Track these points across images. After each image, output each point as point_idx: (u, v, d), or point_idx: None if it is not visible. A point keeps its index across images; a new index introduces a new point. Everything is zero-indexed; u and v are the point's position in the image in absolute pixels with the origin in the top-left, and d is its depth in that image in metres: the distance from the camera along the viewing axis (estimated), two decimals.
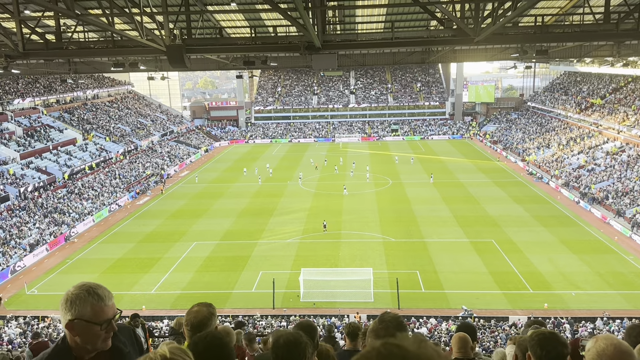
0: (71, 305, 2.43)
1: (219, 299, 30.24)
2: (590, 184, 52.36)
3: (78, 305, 2.43)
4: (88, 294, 2.45)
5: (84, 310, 2.43)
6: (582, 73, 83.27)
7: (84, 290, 2.47)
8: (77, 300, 2.43)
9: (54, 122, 67.04)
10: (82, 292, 2.46)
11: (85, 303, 2.43)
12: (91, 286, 2.51)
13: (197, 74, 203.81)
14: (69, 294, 2.46)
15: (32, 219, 45.18)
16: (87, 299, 2.44)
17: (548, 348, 2.94)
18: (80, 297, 2.44)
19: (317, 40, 20.02)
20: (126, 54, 28.64)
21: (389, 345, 1.22)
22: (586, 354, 2.64)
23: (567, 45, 38.59)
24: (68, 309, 2.43)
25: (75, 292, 2.46)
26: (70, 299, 2.44)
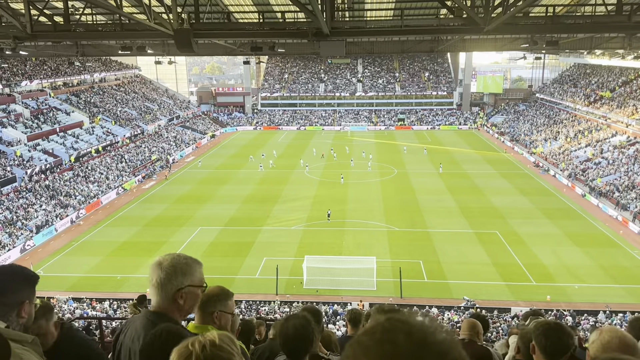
0: (183, 274, 2.55)
1: (222, 283, 29.85)
2: (597, 177, 52.08)
3: (189, 273, 2.56)
4: (193, 262, 2.60)
5: (194, 276, 2.58)
6: (592, 65, 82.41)
7: (188, 258, 2.62)
8: (187, 268, 2.56)
9: (61, 104, 67.17)
10: (189, 261, 2.60)
11: (195, 269, 2.59)
12: (188, 256, 2.66)
13: (204, 59, 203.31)
14: (176, 264, 2.57)
15: (39, 200, 45.47)
16: (194, 266, 2.59)
17: (553, 338, 2.94)
18: (189, 265, 2.58)
19: (326, 27, 19.87)
20: (134, 37, 28.59)
21: (394, 320, 1.21)
22: (590, 346, 2.65)
23: (578, 36, 38.17)
24: (180, 277, 2.55)
25: (182, 262, 2.58)
26: (181, 268, 2.56)
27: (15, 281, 2.45)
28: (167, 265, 2.58)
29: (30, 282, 2.50)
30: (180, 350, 1.81)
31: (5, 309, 2.36)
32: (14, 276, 2.46)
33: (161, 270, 2.58)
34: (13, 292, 2.41)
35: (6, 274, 2.46)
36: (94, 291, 31.31)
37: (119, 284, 32.13)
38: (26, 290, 2.46)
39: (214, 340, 1.80)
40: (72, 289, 31.70)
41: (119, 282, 32.50)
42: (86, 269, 34.72)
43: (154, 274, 2.62)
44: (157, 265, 2.61)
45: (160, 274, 2.58)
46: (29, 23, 21.19)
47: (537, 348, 3.02)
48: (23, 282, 2.47)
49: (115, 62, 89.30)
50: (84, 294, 30.58)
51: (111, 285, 32.17)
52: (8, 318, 2.36)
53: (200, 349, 1.76)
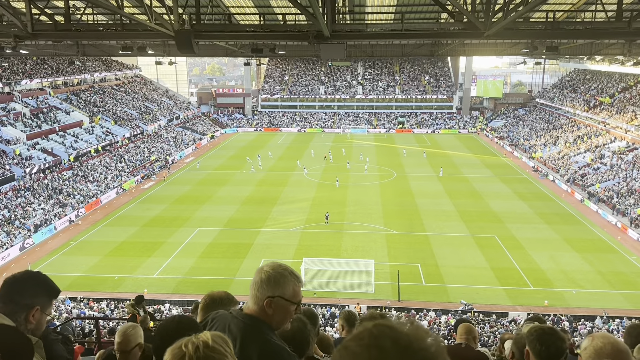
0: (276, 283, 2.56)
1: (221, 285, 30.39)
2: (596, 182, 52.14)
3: (282, 285, 2.57)
4: (291, 275, 2.61)
5: (286, 289, 2.57)
6: (591, 71, 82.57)
7: (287, 271, 2.63)
8: (282, 279, 2.57)
9: (60, 103, 67.16)
10: (286, 272, 2.61)
11: (289, 283, 2.59)
12: (290, 268, 2.67)
13: (204, 60, 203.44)
14: (273, 272, 2.59)
15: (37, 199, 45.44)
16: (290, 279, 2.60)
17: (547, 343, 2.96)
18: (285, 277, 2.58)
19: (326, 30, 19.91)
20: (134, 37, 28.62)
21: (381, 325, 1.23)
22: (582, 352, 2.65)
23: (578, 42, 38.27)
24: (272, 286, 2.56)
25: (279, 271, 2.59)
26: (275, 277, 2.58)
27: (35, 287, 2.56)
28: (265, 271, 2.60)
29: (48, 292, 2.60)
30: (173, 351, 1.81)
31: (15, 309, 2.45)
32: (35, 281, 2.59)
33: (260, 274, 2.61)
34: (29, 296, 2.51)
35: (30, 278, 2.59)
36: (91, 291, 31.28)
37: (117, 284, 32.10)
38: (41, 298, 2.55)
39: (207, 341, 1.81)
40: (70, 288, 31.63)
41: (116, 282, 32.47)
42: (84, 268, 34.68)
43: (254, 278, 2.64)
44: (259, 269, 2.64)
45: (257, 277, 2.60)
46: (29, 22, 21.21)
47: (531, 353, 3.04)
48: (41, 290, 2.57)
49: (115, 62, 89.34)
50: (81, 294, 30.54)
51: (109, 285, 32.14)
52: (17, 318, 2.44)
53: (194, 350, 1.76)
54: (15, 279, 2.57)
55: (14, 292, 2.51)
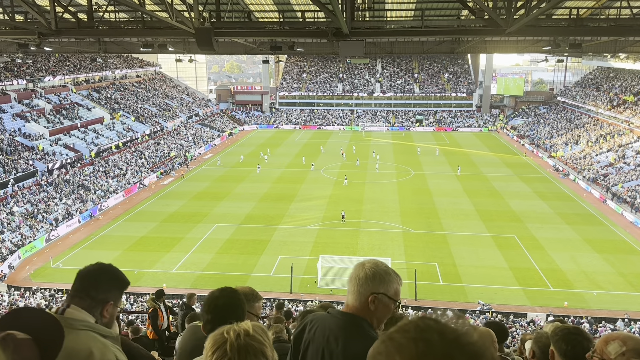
0: (380, 280, 2.60)
1: (238, 280, 30.60)
2: (618, 182, 51.22)
3: (387, 282, 2.60)
4: (394, 273, 2.66)
5: (390, 287, 2.61)
6: (615, 69, 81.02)
7: (390, 269, 2.68)
8: (386, 276, 2.61)
9: (82, 100, 68.17)
10: (389, 270, 2.66)
11: (392, 281, 2.63)
12: (391, 267, 2.72)
13: (223, 57, 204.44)
14: (377, 269, 2.63)
15: (59, 194, 46.21)
16: (393, 278, 2.64)
17: (573, 343, 2.92)
18: (389, 274, 2.63)
19: (345, 27, 19.85)
20: (155, 35, 28.87)
21: (427, 319, 1.24)
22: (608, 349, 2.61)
23: (602, 39, 37.56)
24: (377, 283, 2.59)
25: (383, 269, 2.64)
26: (380, 274, 2.61)
27: (110, 281, 2.58)
28: (369, 267, 2.62)
29: (121, 286, 2.63)
30: (215, 336, 1.88)
31: (92, 304, 2.46)
32: (109, 275, 2.60)
33: (363, 270, 2.62)
34: (104, 290, 2.52)
35: (103, 272, 2.59)
36: None
37: (136, 279, 32.49)
38: (115, 292, 2.58)
39: (248, 330, 1.88)
40: None
41: (136, 276, 32.86)
42: (104, 262, 35.11)
43: (353, 273, 2.66)
44: (360, 265, 2.66)
45: (360, 273, 2.62)
46: (53, 20, 21.55)
47: (556, 353, 3.00)
48: (115, 284, 2.60)
49: (136, 59, 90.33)
50: None
51: (129, 279, 32.51)
52: (94, 313, 2.46)
53: (235, 337, 1.84)
54: (90, 273, 2.56)
55: (90, 286, 2.50)
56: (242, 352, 1.80)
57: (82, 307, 2.43)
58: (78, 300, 2.44)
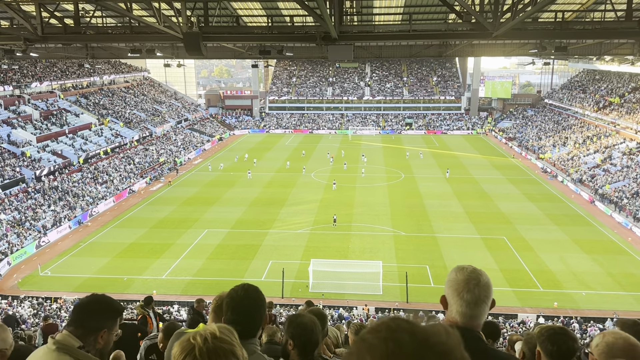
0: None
1: (229, 286, 29.88)
2: (606, 183, 51.75)
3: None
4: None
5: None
6: (601, 71, 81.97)
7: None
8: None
9: (70, 106, 67.69)
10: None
11: None
12: None
13: (212, 62, 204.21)
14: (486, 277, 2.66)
15: (47, 201, 45.79)
16: None
17: (559, 343, 2.94)
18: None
19: (334, 31, 19.92)
20: (143, 40, 28.81)
21: (398, 319, 1.25)
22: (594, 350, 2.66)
23: (587, 42, 38.00)
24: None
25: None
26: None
27: (102, 311, 2.74)
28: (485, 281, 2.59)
29: (114, 315, 2.78)
30: (182, 343, 1.85)
31: (85, 332, 2.63)
32: (101, 305, 2.77)
33: (484, 277, 2.60)
34: (97, 320, 2.69)
35: (95, 302, 2.77)
36: (101, 292, 31.22)
37: (126, 285, 32.26)
38: (109, 321, 2.73)
39: (215, 332, 1.86)
40: (79, 289, 31.85)
41: (125, 283, 32.63)
42: (93, 270, 34.89)
43: (483, 280, 2.60)
44: (476, 272, 2.64)
45: (485, 279, 2.60)
46: (39, 25, 21.40)
47: (542, 353, 3.02)
48: (108, 314, 2.75)
49: (124, 65, 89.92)
50: None
51: (118, 286, 32.29)
52: (86, 340, 2.63)
53: (203, 341, 1.81)
54: (83, 305, 2.75)
55: (84, 317, 2.68)
56: (212, 356, 1.79)
57: (76, 335, 2.61)
58: (73, 329, 2.63)
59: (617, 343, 2.55)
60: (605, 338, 2.59)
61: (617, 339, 2.55)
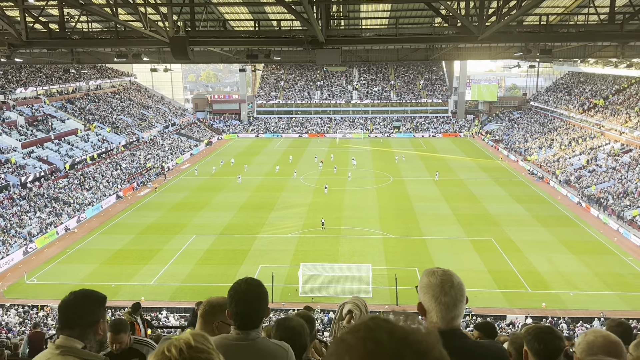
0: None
1: (218, 291, 30.05)
2: (591, 184, 52.33)
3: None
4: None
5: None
6: (585, 73, 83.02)
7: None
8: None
9: (56, 112, 67.05)
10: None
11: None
12: None
13: (200, 66, 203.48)
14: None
15: (33, 208, 45.25)
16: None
17: (546, 342, 2.97)
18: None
19: (321, 35, 19.96)
20: (129, 44, 28.63)
21: (378, 319, 1.25)
22: (577, 348, 2.70)
23: (571, 45, 38.51)
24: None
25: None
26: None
27: (91, 304, 2.74)
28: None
29: (102, 303, 2.81)
30: (157, 356, 1.75)
31: (84, 330, 2.63)
32: (88, 299, 2.76)
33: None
34: (89, 314, 2.69)
35: (81, 298, 2.74)
36: None
37: (114, 292, 31.93)
38: (100, 311, 2.76)
39: (189, 341, 1.77)
40: None
41: (113, 290, 32.30)
42: (80, 276, 34.51)
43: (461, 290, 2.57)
44: (452, 276, 2.65)
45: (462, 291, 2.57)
46: (24, 30, 21.18)
47: (529, 352, 3.04)
48: (96, 304, 2.77)
49: (110, 70, 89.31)
50: None
51: (106, 293, 31.25)
52: (87, 337, 2.64)
53: (178, 353, 1.72)
54: (69, 304, 2.71)
55: (75, 316, 2.67)
56: None
57: (75, 336, 2.60)
58: (68, 331, 2.62)
59: (596, 341, 2.60)
60: (587, 337, 2.65)
61: (597, 337, 2.61)
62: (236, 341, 2.85)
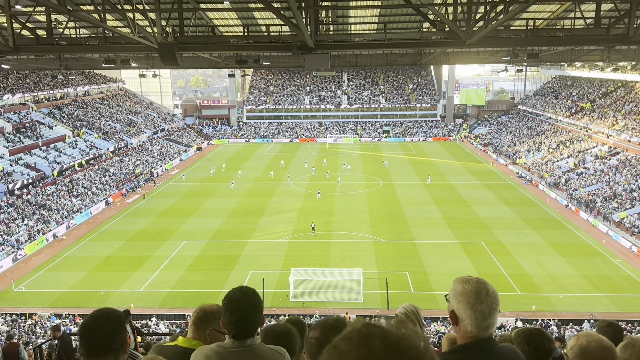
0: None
1: (208, 298, 30.12)
2: (579, 187, 52.80)
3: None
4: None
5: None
6: (572, 77, 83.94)
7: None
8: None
9: (43, 118, 66.48)
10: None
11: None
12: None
13: (189, 72, 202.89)
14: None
15: (20, 215, 44.77)
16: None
17: (535, 344, 2.99)
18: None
19: (310, 40, 20.01)
20: (118, 50, 28.51)
21: (369, 325, 1.25)
22: (569, 352, 2.71)
23: (558, 49, 38.88)
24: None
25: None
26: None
27: (119, 325, 2.64)
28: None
29: (124, 322, 2.69)
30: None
31: (116, 353, 2.55)
32: (115, 321, 2.64)
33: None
34: (119, 336, 2.60)
35: (109, 322, 2.60)
36: (77, 307, 30.77)
37: (103, 300, 31.65)
38: (125, 330, 2.66)
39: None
40: (55, 305, 31.16)
41: (102, 297, 32.02)
42: (69, 284, 34.17)
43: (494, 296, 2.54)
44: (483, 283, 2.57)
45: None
46: (11, 36, 21.02)
47: None
48: (123, 324, 2.66)
49: (98, 76, 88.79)
50: (66, 310, 30.05)
51: (95, 300, 31.66)
52: (119, 357, 2.56)
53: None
54: (101, 330, 2.58)
55: (108, 340, 2.56)
56: None
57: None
58: (101, 357, 2.52)
59: (590, 346, 2.60)
60: (579, 341, 2.65)
61: (590, 342, 2.61)
62: (233, 348, 2.84)
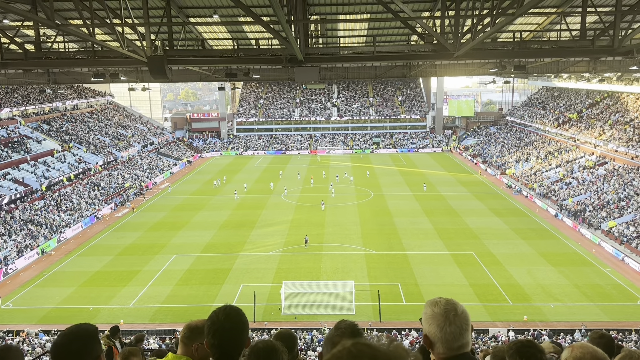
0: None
1: (199, 312, 29.82)
2: (568, 197, 53.20)
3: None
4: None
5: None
6: (559, 88, 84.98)
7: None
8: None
9: (32, 132, 66.01)
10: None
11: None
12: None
13: (178, 85, 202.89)
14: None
15: (8, 230, 44.22)
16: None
17: (527, 355, 2.98)
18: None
19: (300, 53, 20.11)
20: (107, 64, 28.45)
21: (360, 344, 1.24)
22: None
23: (545, 60, 39.37)
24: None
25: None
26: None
27: (91, 341, 2.64)
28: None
29: (97, 337, 2.70)
30: None
31: None
32: (86, 338, 2.65)
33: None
34: (89, 353, 2.60)
35: (80, 339, 2.62)
36: (65, 323, 30.11)
37: (92, 315, 31.23)
38: (98, 345, 2.66)
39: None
40: (43, 321, 30.69)
41: (91, 313, 31.60)
42: (58, 300, 33.71)
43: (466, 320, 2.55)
44: (456, 305, 2.60)
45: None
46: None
47: None
48: (95, 340, 2.66)
49: (87, 89, 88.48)
50: (55, 327, 29.58)
51: (84, 316, 31.21)
52: None
53: None
54: (66, 349, 2.57)
55: (78, 358, 2.56)
56: None
57: None
58: None
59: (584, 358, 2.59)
60: (574, 352, 2.64)
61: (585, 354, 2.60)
62: None
